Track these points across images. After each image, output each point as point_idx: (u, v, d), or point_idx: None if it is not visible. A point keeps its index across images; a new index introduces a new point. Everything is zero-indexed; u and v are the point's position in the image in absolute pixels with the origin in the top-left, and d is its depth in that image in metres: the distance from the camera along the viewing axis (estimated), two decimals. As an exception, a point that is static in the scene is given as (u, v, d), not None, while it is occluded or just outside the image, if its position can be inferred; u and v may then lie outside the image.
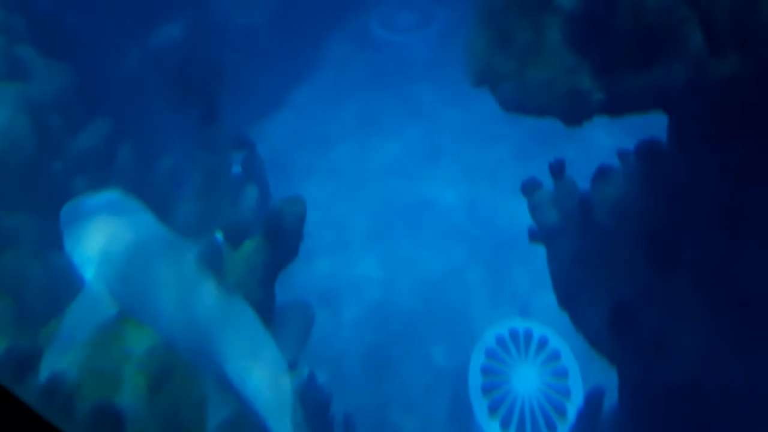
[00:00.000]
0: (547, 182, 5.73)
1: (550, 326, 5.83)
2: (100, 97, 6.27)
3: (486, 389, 5.65)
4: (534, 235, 4.79)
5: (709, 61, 3.75)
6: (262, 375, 3.01)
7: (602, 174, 5.05)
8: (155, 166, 6.04)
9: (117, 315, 3.19)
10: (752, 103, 3.78)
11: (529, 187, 4.94)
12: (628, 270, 3.88)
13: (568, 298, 4.22)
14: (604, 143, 7.23)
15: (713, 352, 3.49)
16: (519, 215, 6.69)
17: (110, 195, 3.68)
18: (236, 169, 6.00)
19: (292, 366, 4.03)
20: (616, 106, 3.96)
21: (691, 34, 3.80)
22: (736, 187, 3.82)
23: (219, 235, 3.37)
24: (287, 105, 8.96)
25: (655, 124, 4.87)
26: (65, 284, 3.38)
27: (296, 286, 5.73)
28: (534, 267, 6.24)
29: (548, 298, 6.19)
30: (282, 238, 3.80)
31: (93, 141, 5.51)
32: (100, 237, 3.28)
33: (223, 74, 5.89)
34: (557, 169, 5.30)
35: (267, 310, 3.63)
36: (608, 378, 4.70)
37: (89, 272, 3.25)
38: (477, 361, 5.64)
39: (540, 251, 5.63)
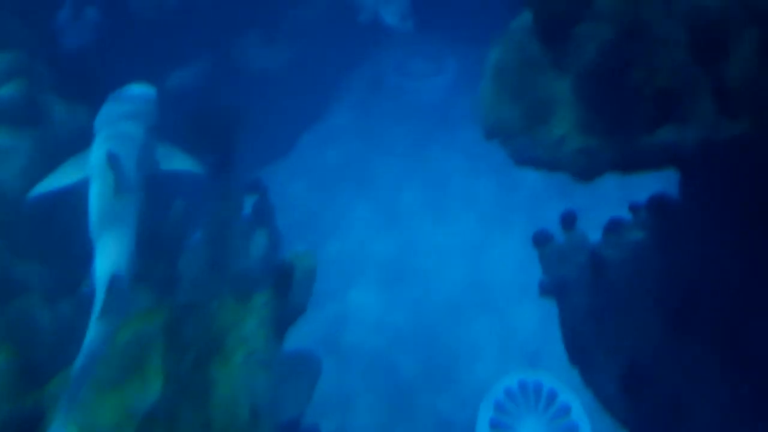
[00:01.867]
0: (560, 233, 5.72)
1: (561, 379, 5.73)
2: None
3: (494, 443, 5.53)
4: (545, 289, 4.75)
5: (721, 122, 3.77)
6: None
7: (613, 227, 5.05)
8: (167, 209, 6.06)
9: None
10: (762, 164, 3.78)
11: (541, 240, 4.93)
12: (640, 329, 3.83)
13: (580, 355, 4.16)
14: (616, 191, 7.20)
15: (730, 421, 3.41)
16: (530, 263, 6.66)
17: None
18: (247, 213, 6.03)
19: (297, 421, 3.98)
20: (626, 164, 3.97)
21: (703, 94, 3.84)
22: (748, 250, 3.79)
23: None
24: (300, 149, 9.03)
25: (667, 177, 4.86)
26: (73, 335, 3.40)
27: (303, 332, 5.68)
28: (545, 316, 6.17)
29: (559, 348, 6.10)
30: (291, 293, 3.79)
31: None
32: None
33: (241, 122, 5.96)
34: (568, 221, 5.30)
35: (274, 364, 3.59)
36: (620, 436, 4.59)
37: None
38: (485, 415, 5.53)
39: (551, 302, 5.58)
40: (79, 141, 5.72)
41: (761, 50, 3.73)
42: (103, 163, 4.73)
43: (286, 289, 3.78)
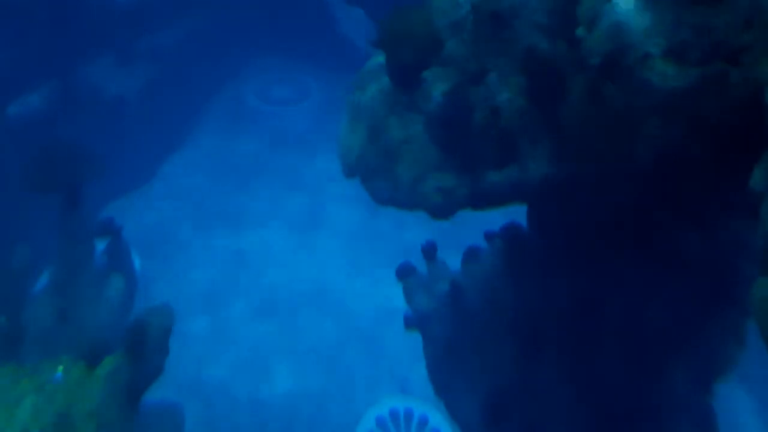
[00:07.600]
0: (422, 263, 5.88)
1: (430, 403, 5.89)
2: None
3: (368, 474, 5.57)
4: (409, 322, 4.88)
5: (558, 163, 4.07)
6: None
7: (470, 256, 5.27)
8: (8, 255, 5.57)
9: None
10: (593, 203, 4.12)
11: (404, 273, 5.05)
12: (496, 359, 4.03)
13: (444, 387, 4.30)
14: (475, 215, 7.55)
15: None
16: (397, 289, 6.82)
17: None
18: (99, 257, 5.67)
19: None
20: (478, 201, 4.17)
21: (541, 135, 4.12)
22: (585, 275, 4.11)
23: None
24: (159, 177, 8.69)
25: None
26: None
27: (168, 374, 5.44)
28: (413, 341, 6.34)
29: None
30: (146, 355, 3.59)
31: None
32: None
33: (91, 157, 5.62)
34: (429, 252, 5.47)
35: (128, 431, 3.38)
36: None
37: None
38: (358, 446, 5.59)
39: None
40: None
41: (589, 95, 4.06)
42: None
43: (140, 352, 3.59)
